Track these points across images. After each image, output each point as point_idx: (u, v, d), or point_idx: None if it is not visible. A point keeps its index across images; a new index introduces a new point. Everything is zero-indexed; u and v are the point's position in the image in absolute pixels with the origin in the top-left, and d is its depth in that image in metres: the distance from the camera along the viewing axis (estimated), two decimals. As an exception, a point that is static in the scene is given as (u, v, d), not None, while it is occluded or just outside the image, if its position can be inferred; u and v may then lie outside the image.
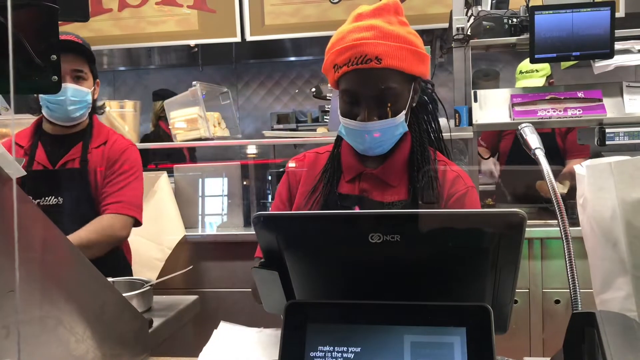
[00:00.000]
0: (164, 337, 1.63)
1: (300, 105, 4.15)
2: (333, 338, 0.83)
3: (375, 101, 1.36)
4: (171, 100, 3.38)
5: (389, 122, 1.37)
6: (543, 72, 3.43)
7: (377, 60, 1.32)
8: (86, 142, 2.18)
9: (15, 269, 0.65)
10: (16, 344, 0.78)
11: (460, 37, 2.87)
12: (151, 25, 3.53)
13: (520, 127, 1.19)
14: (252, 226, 0.92)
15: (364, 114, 1.37)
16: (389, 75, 1.34)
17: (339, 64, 1.36)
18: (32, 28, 1.06)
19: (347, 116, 1.40)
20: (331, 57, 1.39)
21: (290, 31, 3.41)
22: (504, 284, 0.89)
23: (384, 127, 1.38)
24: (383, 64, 1.32)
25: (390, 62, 1.33)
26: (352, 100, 1.39)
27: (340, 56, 1.36)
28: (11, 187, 0.71)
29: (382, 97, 1.36)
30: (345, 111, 1.41)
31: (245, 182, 3.12)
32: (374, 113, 1.37)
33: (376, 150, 1.43)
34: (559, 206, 0.98)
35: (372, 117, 1.36)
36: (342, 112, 1.42)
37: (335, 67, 1.38)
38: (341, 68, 1.36)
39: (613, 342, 0.76)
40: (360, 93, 1.36)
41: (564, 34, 2.61)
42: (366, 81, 1.35)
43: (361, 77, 1.35)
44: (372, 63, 1.32)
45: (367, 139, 1.39)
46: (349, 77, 1.36)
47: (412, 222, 0.87)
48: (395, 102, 1.38)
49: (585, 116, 2.76)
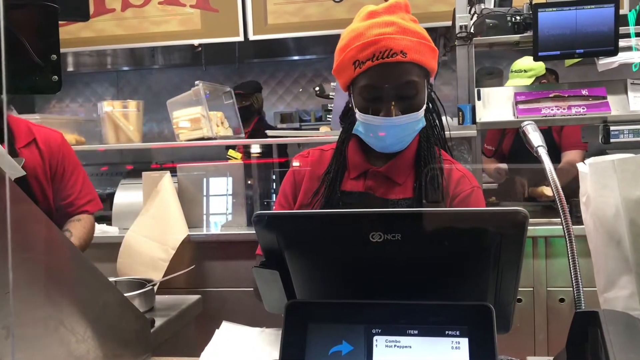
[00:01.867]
0: (166, 337, 1.62)
1: (304, 105, 4.15)
2: (334, 337, 0.83)
3: (400, 95, 1.36)
4: (174, 100, 3.37)
5: (413, 116, 1.37)
6: (532, 73, 3.42)
7: (403, 54, 1.32)
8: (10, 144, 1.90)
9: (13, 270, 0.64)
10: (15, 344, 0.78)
11: (464, 35, 2.85)
12: (154, 25, 3.53)
13: (522, 125, 1.18)
14: (253, 225, 0.91)
15: (387, 108, 1.35)
16: (413, 69, 1.35)
17: (362, 59, 1.34)
18: (32, 28, 1.06)
19: (367, 113, 1.38)
20: (351, 53, 1.36)
21: (293, 30, 3.40)
22: (507, 282, 0.88)
23: (408, 121, 1.37)
24: (408, 58, 1.32)
25: (414, 56, 1.33)
26: (374, 96, 1.37)
27: (362, 52, 1.34)
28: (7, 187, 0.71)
29: (407, 91, 1.36)
30: (365, 108, 1.39)
31: (248, 182, 3.12)
32: (398, 107, 1.36)
33: (396, 146, 1.42)
34: (562, 205, 0.97)
35: (397, 111, 1.35)
36: (361, 109, 1.39)
37: (357, 63, 1.36)
38: (364, 63, 1.34)
39: (616, 341, 0.76)
40: (385, 87, 1.35)
41: (567, 31, 2.60)
42: (392, 75, 1.34)
43: (387, 70, 1.34)
44: (397, 57, 1.32)
45: (389, 135, 1.38)
46: (373, 71, 1.35)
47: (413, 221, 0.87)
48: (417, 97, 1.37)
49: (590, 114, 2.75)
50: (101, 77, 4.45)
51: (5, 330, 0.84)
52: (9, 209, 0.65)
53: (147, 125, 4.16)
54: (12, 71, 0.98)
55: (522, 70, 3.41)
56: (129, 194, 3.22)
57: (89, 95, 4.49)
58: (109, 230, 3.03)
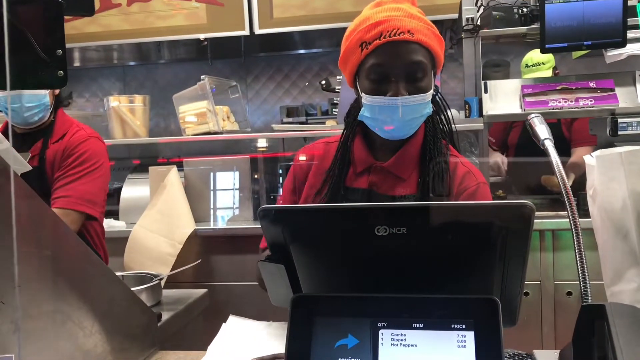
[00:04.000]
0: (173, 331, 1.63)
1: (310, 99, 4.13)
2: (339, 331, 0.83)
3: (405, 75, 1.35)
4: (180, 95, 3.38)
5: (420, 97, 1.35)
6: (549, 64, 3.39)
7: (410, 33, 1.32)
8: (46, 139, 2.10)
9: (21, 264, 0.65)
10: (23, 338, 0.78)
11: (470, 28, 2.84)
12: (160, 20, 3.53)
13: (529, 117, 1.17)
14: (258, 219, 0.91)
15: (395, 88, 1.34)
16: (420, 50, 1.35)
17: (368, 40, 1.35)
18: (37, 23, 1.06)
19: (374, 94, 1.37)
20: (358, 36, 1.36)
21: (299, 24, 3.39)
22: (513, 276, 0.88)
23: (416, 102, 1.35)
24: (415, 38, 1.33)
25: (421, 37, 1.33)
26: (381, 76, 1.36)
27: (369, 32, 1.34)
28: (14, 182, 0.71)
29: (415, 70, 1.35)
30: (372, 89, 1.37)
31: (255, 176, 3.12)
32: (404, 87, 1.35)
33: (400, 132, 1.41)
34: (569, 198, 0.96)
35: (402, 91, 1.34)
36: (368, 91, 1.38)
37: (364, 44, 1.35)
38: (371, 43, 1.34)
39: (623, 334, 0.75)
40: (391, 66, 1.34)
41: (575, 23, 2.58)
42: (398, 53, 1.34)
43: (393, 49, 1.34)
44: (405, 36, 1.32)
45: (395, 116, 1.36)
46: (380, 50, 1.34)
47: (419, 215, 0.86)
48: (425, 78, 1.37)
49: (597, 106, 2.73)
50: (108, 72, 4.45)
51: (13, 324, 0.84)
52: (13, 202, 0.65)
53: (154, 120, 4.16)
54: (17, 66, 0.98)
55: (540, 63, 3.38)
56: (136, 189, 3.24)
57: (95, 90, 4.50)
58: (116, 225, 3.05)
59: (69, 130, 2.14)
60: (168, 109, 3.94)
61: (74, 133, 2.14)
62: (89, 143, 2.13)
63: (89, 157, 2.11)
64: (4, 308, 0.83)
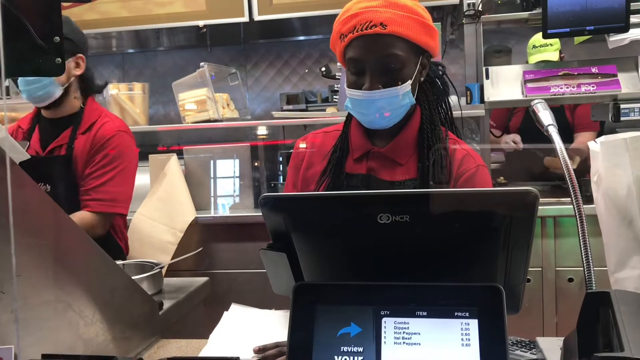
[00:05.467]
0: (174, 319, 1.63)
1: (310, 85, 4.11)
2: (342, 319, 0.82)
3: (379, 68, 1.35)
4: (179, 82, 3.36)
5: (393, 91, 1.35)
6: (556, 46, 3.36)
7: (382, 26, 1.31)
8: (75, 127, 2.09)
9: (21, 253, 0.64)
10: (24, 328, 0.78)
11: (472, 13, 2.82)
12: (159, 7, 3.49)
13: (532, 103, 1.16)
14: (260, 207, 0.91)
15: (368, 82, 1.35)
16: (394, 42, 1.33)
17: (344, 32, 1.36)
18: (34, 10, 1.05)
19: (353, 87, 1.39)
20: (337, 28, 1.39)
21: (299, 10, 3.35)
22: (516, 263, 0.87)
23: (389, 96, 1.35)
24: (388, 30, 1.31)
25: (395, 28, 1.32)
26: (357, 69, 1.37)
27: (345, 25, 1.35)
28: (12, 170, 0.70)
29: (387, 63, 1.35)
30: (352, 82, 1.39)
31: (255, 164, 3.11)
32: (378, 81, 1.35)
33: (381, 122, 1.41)
34: (573, 184, 0.95)
35: (376, 85, 1.35)
36: (348, 84, 1.40)
37: (342, 36, 1.37)
38: (346, 37, 1.35)
39: (628, 321, 0.75)
40: (365, 60, 1.35)
41: (577, 7, 2.55)
42: (371, 47, 1.33)
43: (366, 43, 1.34)
44: (376, 29, 1.31)
45: (372, 109, 1.37)
46: (354, 44, 1.35)
47: (422, 202, 0.86)
48: (400, 71, 1.36)
49: (600, 92, 2.71)
50: (106, 60, 4.42)
51: (13, 314, 0.84)
52: (10, 191, 0.64)
53: (153, 107, 4.14)
54: (14, 53, 0.97)
55: (547, 45, 3.35)
56: (136, 177, 3.23)
57: (94, 78, 4.48)
58: (117, 213, 3.04)
59: (98, 121, 2.12)
60: (167, 96, 3.91)
61: (102, 125, 2.11)
62: (117, 139, 2.11)
63: (118, 155, 2.10)
64: (4, 298, 0.83)
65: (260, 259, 0.99)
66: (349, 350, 0.80)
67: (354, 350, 0.80)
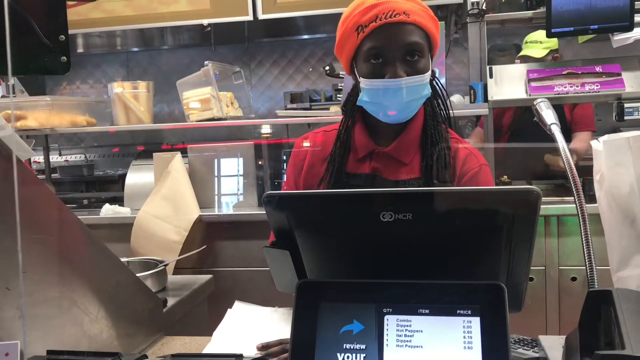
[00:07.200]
0: (178, 317, 1.64)
1: (314, 84, 4.11)
2: (345, 317, 0.83)
3: (405, 56, 1.34)
4: (184, 81, 3.36)
5: (419, 78, 1.34)
6: (547, 45, 3.36)
7: (406, 14, 1.31)
8: None
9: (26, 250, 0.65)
10: (29, 324, 0.79)
11: (475, 12, 2.82)
12: (163, 5, 3.50)
13: (535, 102, 1.17)
14: (263, 206, 0.91)
15: (393, 70, 1.33)
16: (417, 31, 1.34)
17: (364, 23, 1.33)
18: (40, 9, 1.05)
19: (372, 78, 1.36)
20: (353, 20, 1.35)
21: (303, 8, 3.36)
22: (519, 262, 0.87)
23: (414, 83, 1.34)
24: (411, 19, 1.32)
25: (417, 18, 1.33)
26: (379, 59, 1.35)
27: (364, 16, 1.33)
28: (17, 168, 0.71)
29: (412, 51, 1.34)
30: (370, 72, 1.36)
31: (259, 162, 3.12)
32: (403, 69, 1.34)
33: (403, 114, 1.40)
34: (575, 183, 0.96)
35: (401, 73, 1.33)
36: (366, 75, 1.37)
37: (360, 28, 1.34)
38: (367, 27, 1.33)
39: (630, 320, 0.75)
40: (389, 48, 1.33)
41: (581, 6, 2.55)
42: (396, 35, 1.32)
43: (391, 30, 1.32)
44: (401, 17, 1.31)
45: (395, 98, 1.35)
46: (377, 33, 1.33)
47: (425, 200, 0.86)
48: (422, 59, 1.35)
49: (604, 91, 2.71)
50: (111, 58, 4.43)
51: (19, 310, 0.85)
52: (17, 188, 0.65)
53: (158, 106, 4.15)
54: (20, 52, 0.98)
55: (537, 42, 3.36)
56: (140, 175, 3.24)
57: (99, 76, 4.48)
58: (121, 211, 3.06)
59: None
60: (172, 95, 3.92)
61: None
62: None
63: None
64: (10, 294, 0.83)
65: (264, 256, 0.99)
66: (351, 348, 0.81)
67: (356, 347, 0.81)
